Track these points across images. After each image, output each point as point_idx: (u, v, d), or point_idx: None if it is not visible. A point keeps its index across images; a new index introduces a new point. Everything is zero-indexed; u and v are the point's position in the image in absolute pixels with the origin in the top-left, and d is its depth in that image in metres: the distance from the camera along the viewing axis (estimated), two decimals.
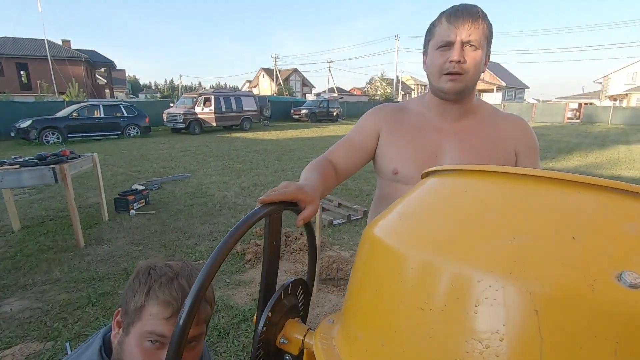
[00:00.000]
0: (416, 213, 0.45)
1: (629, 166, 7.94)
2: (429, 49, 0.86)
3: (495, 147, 0.88)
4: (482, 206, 0.39)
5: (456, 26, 0.77)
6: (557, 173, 0.37)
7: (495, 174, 0.41)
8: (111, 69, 31.62)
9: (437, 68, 0.82)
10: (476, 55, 0.79)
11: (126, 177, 6.30)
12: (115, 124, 12.47)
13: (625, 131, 18.16)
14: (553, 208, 0.36)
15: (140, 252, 3.23)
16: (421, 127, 0.92)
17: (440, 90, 0.84)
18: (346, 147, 0.93)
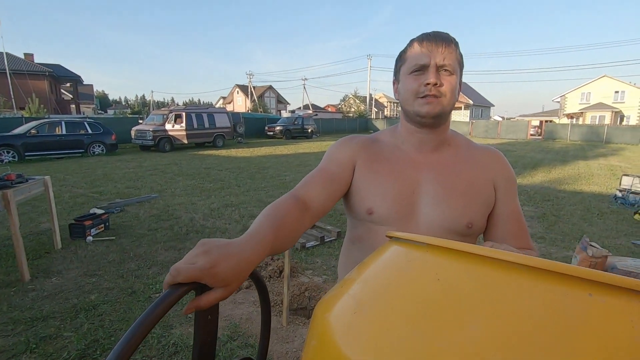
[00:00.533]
0: (373, 303, 0.34)
1: (588, 181, 8.34)
2: (400, 75, 0.81)
3: (474, 183, 0.81)
4: (458, 307, 0.29)
5: (430, 50, 0.74)
6: (552, 264, 0.28)
7: (480, 258, 0.31)
8: (77, 84, 30.47)
9: (412, 92, 0.77)
10: (452, 79, 0.75)
11: (86, 199, 5.91)
12: (78, 142, 11.86)
13: (583, 147, 19.29)
14: (549, 311, 0.27)
15: (94, 284, 2.96)
16: (396, 160, 0.84)
17: (417, 114, 0.77)
18: (321, 179, 0.80)
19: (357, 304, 0.35)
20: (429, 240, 0.36)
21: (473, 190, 0.80)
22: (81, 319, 2.44)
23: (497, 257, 0.29)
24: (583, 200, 6.35)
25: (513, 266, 0.29)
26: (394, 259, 0.39)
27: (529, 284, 0.28)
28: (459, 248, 0.32)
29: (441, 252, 0.34)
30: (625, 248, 4.03)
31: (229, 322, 2.46)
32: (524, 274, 0.28)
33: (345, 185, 0.83)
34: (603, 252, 2.85)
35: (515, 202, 0.84)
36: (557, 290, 0.27)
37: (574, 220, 5.09)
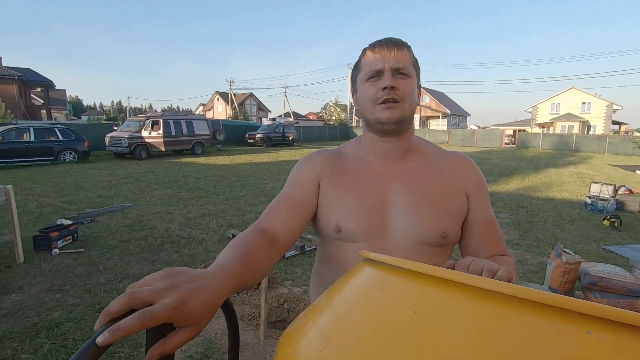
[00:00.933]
0: (342, 338, 0.30)
1: (560, 188, 8.65)
2: (357, 85, 0.80)
3: (445, 191, 0.78)
4: (439, 346, 0.25)
5: (382, 54, 0.73)
6: (545, 296, 0.24)
7: (464, 288, 0.27)
8: (49, 89, 29.34)
9: (370, 99, 0.75)
10: (409, 83, 0.74)
11: (54, 209, 5.62)
12: (48, 149, 11.34)
13: (554, 156, 20.09)
14: (542, 352, 0.23)
15: (57, 300, 2.77)
16: (362, 172, 0.80)
17: (378, 121, 0.75)
18: (285, 207, 0.76)
19: (325, 340, 0.31)
20: (405, 265, 0.32)
21: (445, 199, 0.77)
22: (42, 339, 2.27)
23: (484, 287, 0.26)
24: (555, 207, 6.56)
25: (502, 297, 0.25)
26: (366, 284, 0.35)
27: (520, 319, 0.24)
28: (439, 275, 0.28)
29: (419, 279, 0.30)
30: (596, 253, 4.16)
31: (203, 337, 2.35)
32: (514, 306, 0.24)
33: (312, 208, 0.79)
34: (576, 259, 2.92)
35: (488, 209, 0.82)
36: (552, 327, 0.23)
37: (547, 226, 5.24)
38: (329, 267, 0.81)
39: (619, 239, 4.77)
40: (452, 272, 0.27)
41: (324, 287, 0.80)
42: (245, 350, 2.22)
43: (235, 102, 42.59)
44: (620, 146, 23.25)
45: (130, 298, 0.37)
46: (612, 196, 6.29)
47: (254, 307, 2.73)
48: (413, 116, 0.79)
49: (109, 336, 0.33)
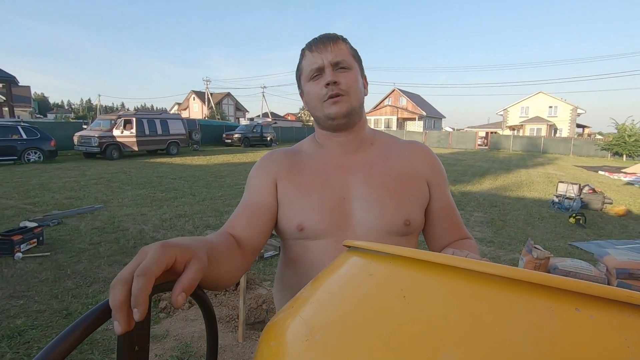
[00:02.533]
0: (328, 328, 0.29)
1: (529, 188, 9.01)
2: (302, 85, 0.79)
3: (404, 178, 0.77)
4: (429, 331, 0.24)
5: (319, 51, 0.73)
6: (534, 275, 0.24)
7: (452, 270, 0.27)
8: (11, 85, 27.78)
9: (316, 97, 0.75)
10: (351, 75, 0.74)
11: (17, 211, 5.31)
12: (11, 148, 10.72)
13: (524, 157, 20.94)
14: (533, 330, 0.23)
15: (21, 307, 2.61)
16: (320, 167, 0.79)
17: (328, 117, 0.75)
18: (245, 214, 0.74)
19: (310, 330, 0.30)
20: (392, 250, 0.31)
21: (405, 187, 0.76)
22: (3, 348, 2.13)
23: (472, 269, 0.25)
24: (526, 205, 6.83)
25: (491, 278, 0.25)
26: (352, 272, 0.34)
27: (510, 299, 0.24)
28: (428, 259, 0.28)
29: (407, 264, 0.29)
30: (564, 249, 4.36)
31: (179, 341, 2.28)
32: (504, 287, 0.24)
33: (273, 211, 0.76)
34: (546, 254, 3.05)
35: (448, 195, 0.83)
36: (542, 305, 0.23)
37: (519, 224, 5.44)
38: (294, 269, 0.78)
39: (584, 235, 5.02)
40: (441, 255, 0.27)
41: (288, 291, 0.78)
42: (224, 353, 2.17)
43: (212, 102, 41.84)
44: (584, 148, 24.55)
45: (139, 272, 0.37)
46: (577, 195, 6.61)
47: (232, 308, 2.67)
48: (362, 107, 0.80)
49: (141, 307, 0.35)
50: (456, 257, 0.27)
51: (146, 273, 0.36)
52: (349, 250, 0.41)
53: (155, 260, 0.38)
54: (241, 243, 0.68)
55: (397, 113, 40.88)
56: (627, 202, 7.57)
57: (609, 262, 2.81)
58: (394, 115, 40.72)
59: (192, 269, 0.41)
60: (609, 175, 12.72)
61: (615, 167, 16.14)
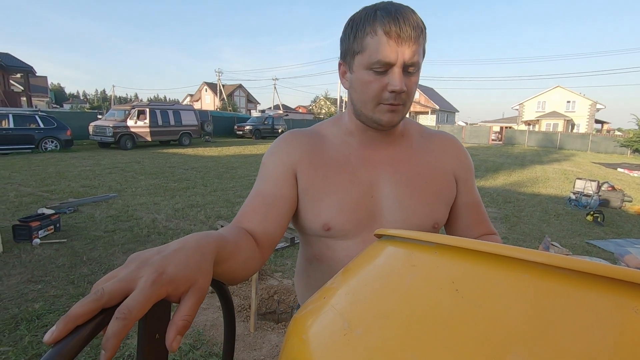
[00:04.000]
0: (371, 321, 0.26)
1: (545, 184, 8.82)
2: (354, 65, 0.64)
3: (435, 177, 0.73)
4: (490, 326, 0.22)
5: (398, 43, 0.58)
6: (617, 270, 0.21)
7: (513, 262, 0.24)
8: (29, 75, 28.32)
9: (371, 94, 0.63)
10: (415, 79, 0.64)
11: (35, 198, 5.43)
12: (29, 137, 10.96)
13: (539, 152, 20.49)
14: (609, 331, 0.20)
15: (39, 292, 2.67)
16: (347, 159, 0.71)
17: (377, 122, 0.66)
18: (260, 207, 0.67)
19: (347, 323, 0.27)
20: (438, 239, 0.28)
21: (434, 186, 0.72)
22: (22, 331, 2.19)
23: (541, 261, 0.22)
24: (541, 202, 6.68)
25: (561, 272, 0.22)
26: (391, 263, 0.31)
27: (587, 296, 0.21)
28: (482, 249, 0.25)
29: (457, 254, 0.27)
30: (580, 247, 4.25)
31: (192, 329, 2.30)
32: (580, 282, 0.21)
33: (291, 204, 0.70)
34: (564, 252, 2.97)
35: (475, 190, 0.80)
36: (624, 305, 0.20)
37: (534, 221, 5.33)
38: (317, 266, 0.75)
39: (602, 233, 4.89)
40: (499, 245, 0.24)
41: (313, 288, 0.75)
42: (236, 342, 2.18)
43: (223, 93, 42.00)
44: (602, 144, 23.87)
45: (99, 296, 0.31)
46: (595, 192, 6.44)
47: (244, 298, 2.69)
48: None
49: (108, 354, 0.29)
50: (514, 247, 0.24)
51: (126, 318, 0.30)
52: (381, 239, 0.38)
53: (141, 302, 0.31)
54: (257, 238, 0.63)
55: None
56: None
57: (630, 262, 2.73)
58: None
59: (187, 304, 0.35)
60: (629, 173, 12.36)
61: (636, 164, 15.66)
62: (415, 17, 0.60)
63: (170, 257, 0.37)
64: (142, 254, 0.38)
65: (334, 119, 0.78)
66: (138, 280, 0.33)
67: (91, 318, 0.32)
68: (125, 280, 0.33)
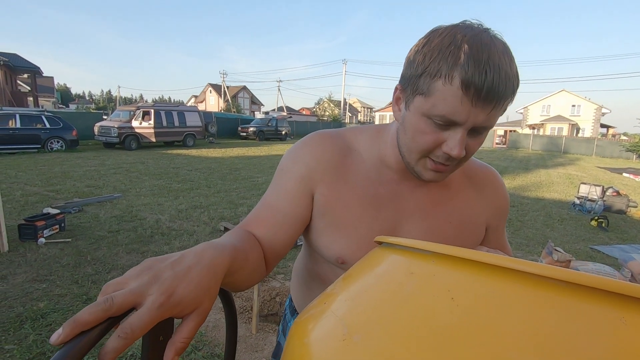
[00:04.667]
0: (369, 327, 0.27)
1: (549, 189, 8.77)
2: (413, 102, 0.53)
3: (466, 230, 0.66)
4: (482, 334, 0.22)
5: (475, 104, 0.46)
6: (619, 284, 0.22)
7: (508, 272, 0.25)
8: (36, 75, 28.61)
9: (421, 149, 0.54)
10: (481, 140, 0.54)
11: (40, 197, 5.48)
12: (35, 136, 11.06)
13: (543, 156, 20.38)
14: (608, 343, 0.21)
15: (43, 291, 2.70)
16: (376, 191, 0.64)
17: (418, 174, 0.59)
18: (271, 219, 0.62)
19: (347, 329, 0.28)
20: (435, 248, 0.29)
21: (463, 239, 0.66)
22: (26, 330, 2.21)
23: (534, 272, 0.23)
24: (545, 206, 6.65)
25: (555, 284, 0.23)
26: (390, 270, 0.32)
27: (579, 308, 0.22)
28: (477, 259, 0.26)
29: (453, 263, 0.28)
30: (584, 252, 4.22)
31: None
32: (572, 294, 0.22)
33: (303, 221, 0.64)
34: (567, 257, 2.96)
35: (504, 237, 0.74)
36: (616, 316, 0.21)
37: (537, 225, 5.30)
38: (320, 284, 0.72)
39: (606, 239, 4.85)
40: (493, 255, 0.25)
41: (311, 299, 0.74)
42: (237, 344, 2.19)
43: (228, 95, 42.18)
44: (608, 149, 23.72)
45: (107, 306, 0.32)
46: (600, 197, 6.40)
47: (245, 300, 2.70)
48: None
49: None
50: (509, 258, 0.25)
51: (127, 337, 0.31)
52: (381, 246, 0.39)
53: (145, 322, 0.32)
54: (264, 248, 0.60)
55: None
56: None
57: (634, 268, 2.71)
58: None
59: (188, 326, 0.36)
60: (634, 178, 12.26)
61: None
62: (511, 72, 0.47)
63: (183, 276, 0.37)
64: (157, 263, 0.38)
65: (374, 131, 0.67)
66: (147, 297, 0.34)
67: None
68: (135, 294, 0.34)
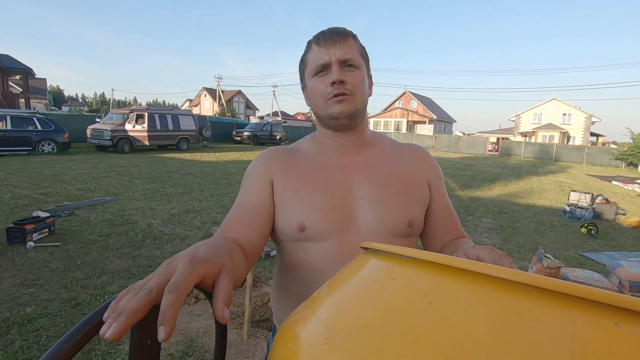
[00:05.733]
0: (350, 331, 0.28)
1: (540, 196, 8.88)
2: (306, 80, 0.76)
3: (407, 179, 0.77)
4: (458, 338, 0.23)
5: (327, 47, 0.70)
6: (572, 287, 0.23)
7: (481, 277, 0.26)
8: (28, 77, 28.32)
9: (320, 94, 0.72)
10: (358, 75, 0.72)
11: (30, 200, 5.41)
12: (26, 138, 10.92)
13: (535, 164, 20.64)
14: (569, 345, 0.22)
15: (31, 295, 2.66)
16: (321, 166, 0.76)
17: (331, 116, 0.73)
18: (242, 217, 0.69)
19: (329, 332, 0.29)
20: (415, 254, 0.30)
21: (408, 187, 0.76)
22: (13, 335, 2.17)
23: (505, 277, 0.24)
24: (536, 213, 6.73)
25: (523, 288, 0.24)
26: (373, 275, 0.33)
27: (543, 311, 0.23)
28: (453, 264, 0.27)
29: (432, 269, 0.29)
30: (574, 259, 4.28)
31: (184, 335, 2.29)
32: (538, 297, 0.23)
33: (271, 212, 0.72)
34: (556, 263, 2.99)
35: (446, 197, 0.84)
36: (579, 319, 0.22)
37: (528, 232, 5.36)
38: (293, 274, 0.74)
39: (596, 246, 4.92)
40: (469, 261, 0.26)
41: (289, 299, 0.75)
42: (229, 350, 2.18)
43: (222, 99, 42.13)
44: (598, 157, 24.10)
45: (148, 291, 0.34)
46: (589, 205, 6.49)
47: (237, 305, 2.68)
48: (365, 108, 0.77)
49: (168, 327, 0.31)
50: (484, 264, 0.26)
51: (177, 289, 0.33)
52: (367, 252, 0.40)
53: (186, 277, 0.35)
54: (242, 248, 0.64)
55: (407, 116, 40.65)
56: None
57: (621, 274, 2.75)
58: (404, 118, 40.51)
59: (224, 281, 0.39)
60: (623, 186, 12.46)
61: (630, 177, 15.81)
62: (344, 29, 0.73)
63: (195, 247, 0.44)
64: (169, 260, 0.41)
65: (310, 136, 0.84)
66: (175, 268, 0.37)
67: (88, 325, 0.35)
68: (165, 273, 0.37)
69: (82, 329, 0.36)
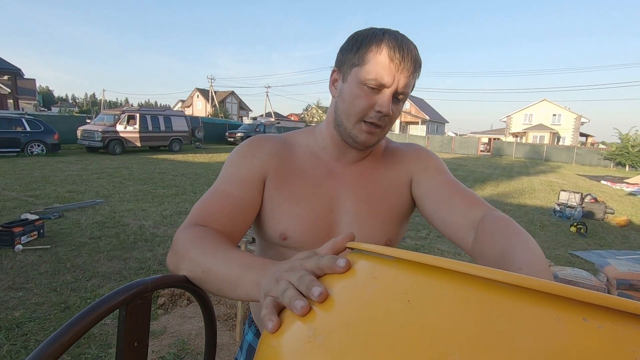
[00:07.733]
0: (332, 330, 0.28)
1: (531, 195, 8.99)
2: (350, 74, 0.66)
3: (388, 193, 0.75)
4: (435, 336, 0.24)
5: (398, 69, 0.62)
6: (544, 284, 0.23)
7: (457, 275, 0.26)
8: (17, 77, 27.87)
9: (358, 110, 0.65)
10: (401, 108, 0.69)
11: (18, 203, 5.32)
12: (14, 140, 10.74)
13: (526, 164, 20.90)
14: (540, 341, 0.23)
15: (19, 299, 2.62)
16: (313, 170, 0.74)
17: (353, 139, 0.69)
18: (227, 208, 0.65)
19: (312, 331, 0.29)
20: (396, 253, 0.31)
21: (389, 202, 0.74)
22: (1, 340, 2.14)
23: (478, 275, 0.25)
24: (527, 213, 6.81)
25: (497, 285, 0.25)
26: (356, 275, 0.34)
27: (515, 307, 0.23)
28: (431, 263, 0.27)
29: (411, 268, 0.29)
30: (564, 258, 4.34)
31: (176, 338, 2.28)
32: (511, 294, 0.24)
33: (255, 209, 0.70)
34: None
35: (446, 175, 0.74)
36: (549, 314, 0.23)
37: None
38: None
39: (585, 244, 5.00)
40: (446, 260, 0.27)
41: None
42: (221, 351, 2.17)
43: (215, 100, 41.94)
44: (587, 157, 24.49)
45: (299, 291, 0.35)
46: (579, 204, 6.59)
47: (230, 307, 2.67)
48: None
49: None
50: (461, 263, 0.27)
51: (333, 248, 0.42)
52: (352, 252, 0.41)
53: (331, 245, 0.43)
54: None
55: (400, 116, 40.80)
56: (629, 212, 7.55)
57: (609, 273, 2.80)
58: (397, 119, 40.69)
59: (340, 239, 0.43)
60: (612, 185, 12.68)
61: (618, 177, 16.10)
62: (417, 53, 0.65)
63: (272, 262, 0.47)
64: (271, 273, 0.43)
65: (309, 129, 0.80)
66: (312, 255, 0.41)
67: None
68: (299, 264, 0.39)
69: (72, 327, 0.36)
